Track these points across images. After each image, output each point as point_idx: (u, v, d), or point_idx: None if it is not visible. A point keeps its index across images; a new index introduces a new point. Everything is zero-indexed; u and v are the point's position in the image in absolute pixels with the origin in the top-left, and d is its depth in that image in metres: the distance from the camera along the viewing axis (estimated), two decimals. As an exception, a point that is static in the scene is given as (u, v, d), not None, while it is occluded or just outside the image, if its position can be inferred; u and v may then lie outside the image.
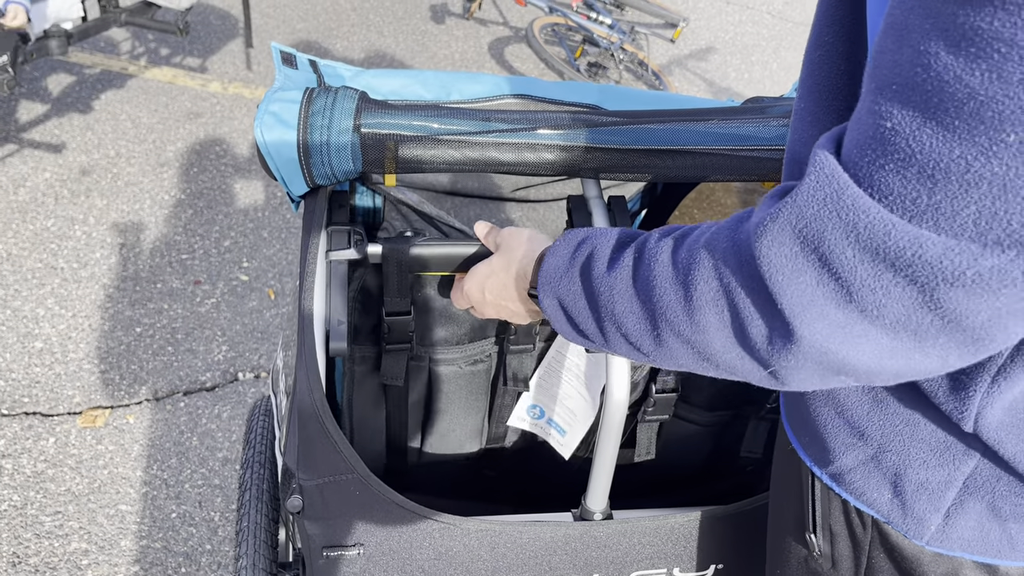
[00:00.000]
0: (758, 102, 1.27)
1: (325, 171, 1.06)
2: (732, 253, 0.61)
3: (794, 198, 0.56)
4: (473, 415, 1.40)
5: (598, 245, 0.76)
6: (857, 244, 0.52)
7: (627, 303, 0.70)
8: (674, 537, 1.09)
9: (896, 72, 0.50)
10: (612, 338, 0.74)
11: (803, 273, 0.55)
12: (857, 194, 0.52)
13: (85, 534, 2.09)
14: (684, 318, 0.64)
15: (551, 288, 0.80)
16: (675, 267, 0.66)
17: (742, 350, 0.62)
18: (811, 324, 0.56)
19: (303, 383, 0.96)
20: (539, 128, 1.09)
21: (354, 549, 1.01)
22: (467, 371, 1.35)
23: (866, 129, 0.52)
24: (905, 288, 0.52)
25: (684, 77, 5.28)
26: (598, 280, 0.73)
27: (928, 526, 0.72)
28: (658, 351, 0.69)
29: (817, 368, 0.59)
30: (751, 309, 0.59)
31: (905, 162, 0.50)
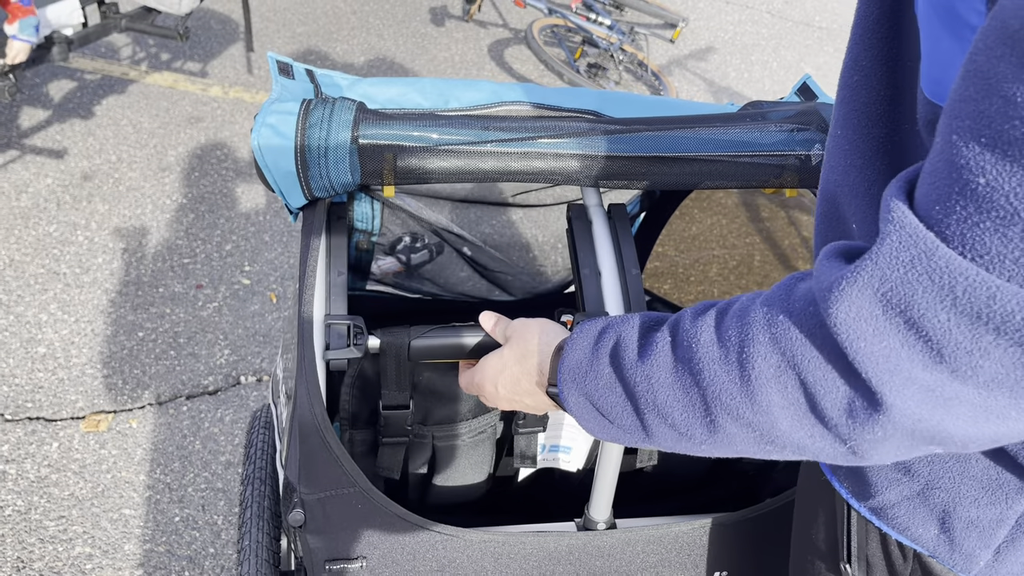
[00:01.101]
0: (758, 107, 1.27)
1: (323, 183, 1.06)
2: (794, 322, 0.58)
3: (875, 260, 0.53)
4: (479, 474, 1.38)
5: (623, 333, 0.72)
6: (954, 308, 0.50)
7: (670, 391, 0.65)
8: (678, 545, 1.09)
9: (983, 123, 0.47)
10: (656, 431, 0.69)
11: (887, 337, 0.52)
12: (950, 256, 0.50)
13: (89, 538, 2.09)
14: (742, 400, 0.60)
15: (576, 385, 0.74)
16: (722, 345, 0.62)
17: (815, 428, 0.58)
18: (900, 390, 0.53)
19: (303, 397, 0.96)
20: (538, 137, 1.09)
21: (357, 562, 1.01)
22: (470, 442, 1.33)
23: (951, 184, 0.50)
24: (1007, 349, 0.50)
25: (684, 77, 5.27)
26: (631, 370, 0.69)
27: (977, 562, 0.71)
28: (712, 438, 0.65)
29: (906, 438, 0.56)
30: (825, 381, 0.56)
31: (1006, 221, 0.47)
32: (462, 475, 1.37)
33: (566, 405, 0.76)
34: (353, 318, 1.05)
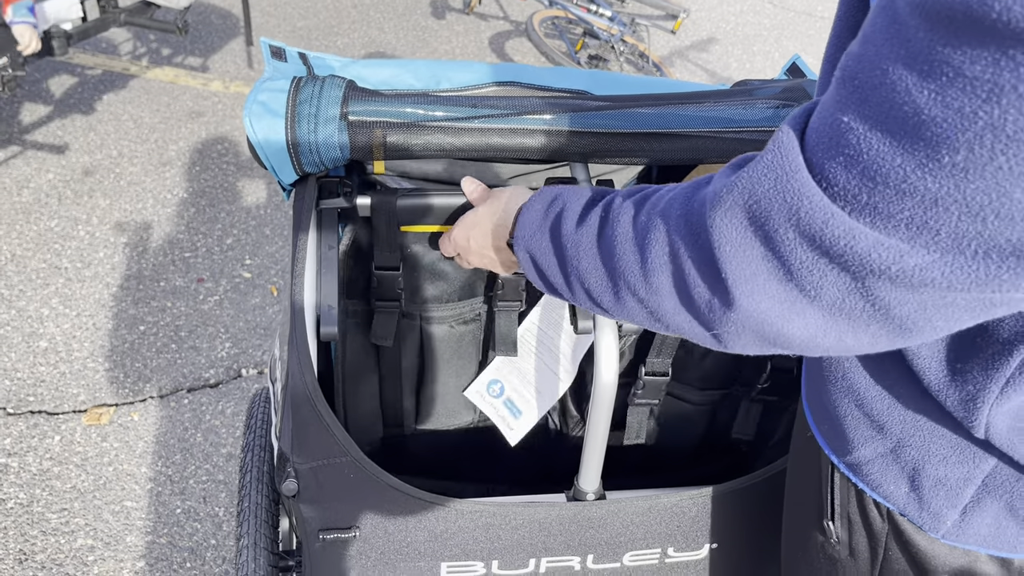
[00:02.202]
0: (746, 84, 1.27)
1: (313, 158, 1.07)
2: (684, 220, 0.63)
3: (749, 173, 0.57)
4: (464, 380, 1.41)
5: (568, 202, 0.80)
6: (797, 228, 0.54)
7: (591, 261, 0.73)
8: (668, 517, 1.10)
9: (859, 67, 0.51)
10: (576, 292, 0.77)
11: (750, 248, 0.57)
12: (804, 179, 0.54)
13: (91, 531, 2.10)
14: (640, 280, 0.67)
15: (524, 241, 0.83)
16: (635, 229, 0.68)
17: (688, 313, 0.65)
18: (751, 295, 0.58)
19: (295, 367, 0.97)
20: (527, 113, 1.10)
21: (350, 531, 1.02)
22: (458, 331, 1.36)
23: (826, 117, 0.53)
24: (839, 274, 0.54)
25: (685, 68, 5.27)
26: (566, 236, 0.77)
27: (944, 521, 0.73)
28: (616, 308, 0.72)
29: (754, 336, 0.61)
30: (696, 275, 0.62)
31: (852, 159, 0.51)
32: (450, 375, 1.41)
33: (517, 257, 0.85)
34: (344, 178, 1.16)
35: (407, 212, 1.16)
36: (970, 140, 0.45)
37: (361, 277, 1.28)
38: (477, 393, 1.36)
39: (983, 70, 0.43)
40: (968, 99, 0.44)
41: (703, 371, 1.38)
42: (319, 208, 1.13)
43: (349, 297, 1.30)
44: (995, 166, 0.45)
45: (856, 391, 0.75)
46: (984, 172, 0.46)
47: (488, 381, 1.35)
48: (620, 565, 1.12)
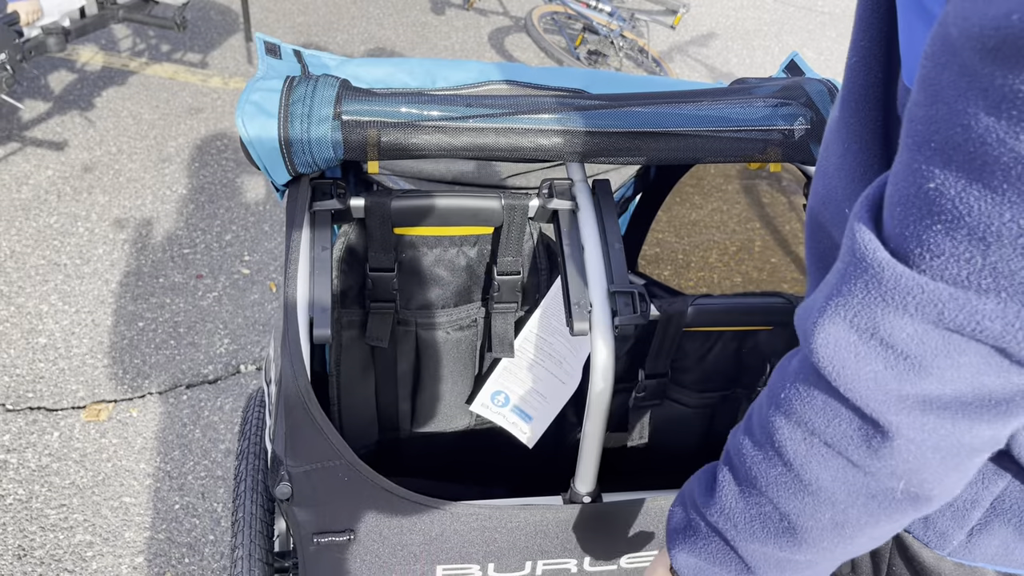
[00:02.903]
0: (744, 83, 1.27)
1: (306, 159, 1.06)
2: (794, 387, 0.58)
3: (837, 289, 0.54)
4: (461, 384, 1.41)
5: (695, 485, 0.73)
6: (913, 321, 0.50)
7: (744, 513, 0.66)
8: (665, 519, 1.10)
9: (933, 130, 0.48)
10: (754, 559, 0.68)
11: (868, 362, 0.53)
12: (898, 273, 0.50)
13: (90, 526, 2.10)
14: (796, 488, 0.60)
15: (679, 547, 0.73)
16: (759, 447, 0.62)
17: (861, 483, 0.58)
18: (897, 409, 0.53)
19: (288, 370, 0.96)
20: (523, 113, 1.10)
21: (344, 535, 1.02)
22: (454, 337, 1.36)
23: (907, 188, 0.50)
24: (977, 346, 0.50)
25: (685, 63, 5.26)
26: (710, 512, 0.69)
27: (950, 540, 0.71)
28: (798, 543, 0.64)
29: (937, 455, 0.55)
30: (839, 431, 0.56)
31: (954, 224, 0.48)
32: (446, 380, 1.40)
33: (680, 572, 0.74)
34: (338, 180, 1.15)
35: (402, 214, 1.15)
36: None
37: (356, 285, 1.28)
38: (482, 406, 1.36)
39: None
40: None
41: (702, 374, 1.37)
42: (312, 210, 1.12)
43: (344, 307, 1.29)
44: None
45: None
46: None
47: (491, 393, 1.35)
48: (616, 567, 1.12)
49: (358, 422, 1.40)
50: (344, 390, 1.35)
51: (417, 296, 1.31)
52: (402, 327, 1.33)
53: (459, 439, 1.48)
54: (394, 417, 1.42)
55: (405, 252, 1.27)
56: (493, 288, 1.30)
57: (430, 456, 1.49)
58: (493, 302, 1.31)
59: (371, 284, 1.24)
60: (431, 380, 1.39)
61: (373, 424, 1.42)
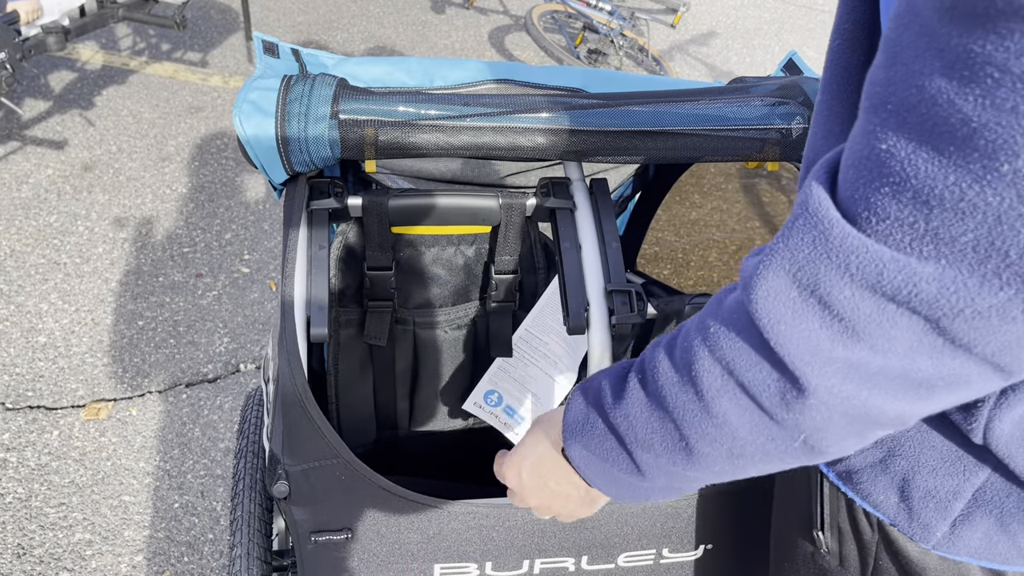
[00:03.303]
0: (742, 82, 1.27)
1: (303, 158, 1.06)
2: (724, 327, 0.58)
3: (785, 242, 0.53)
4: (458, 383, 1.41)
5: (603, 383, 0.73)
6: (852, 283, 0.50)
7: (646, 424, 0.66)
8: (663, 517, 1.10)
9: (890, 91, 0.48)
10: (647, 468, 0.69)
11: (805, 319, 0.53)
12: (845, 232, 0.50)
13: (89, 525, 2.11)
14: (703, 417, 0.61)
15: (575, 439, 0.75)
16: (676, 369, 0.63)
17: (765, 427, 0.59)
18: (821, 370, 0.53)
19: (285, 369, 0.96)
20: (521, 112, 1.10)
21: (342, 533, 1.02)
22: (452, 336, 1.36)
23: (861, 149, 0.50)
24: (911, 317, 0.50)
25: (685, 62, 5.26)
26: (613, 413, 0.70)
27: (934, 533, 0.71)
28: (693, 462, 0.65)
29: (844, 420, 0.56)
30: (759, 375, 0.57)
31: (900, 186, 0.48)
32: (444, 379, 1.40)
33: (572, 460, 0.76)
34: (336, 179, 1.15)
35: (399, 213, 1.15)
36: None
37: (354, 284, 1.28)
38: (475, 405, 1.35)
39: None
40: (1021, 97, 0.42)
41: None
42: (310, 209, 1.13)
43: (342, 305, 1.29)
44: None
45: None
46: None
47: (484, 392, 1.34)
48: (614, 566, 1.12)
49: (356, 421, 1.40)
50: (342, 389, 1.35)
51: (415, 295, 1.31)
52: (400, 326, 1.33)
53: (457, 438, 1.48)
54: (392, 416, 1.42)
55: (403, 251, 1.27)
56: (491, 287, 1.30)
57: (428, 455, 1.49)
58: (491, 301, 1.31)
59: (369, 283, 1.24)
60: (429, 379, 1.39)
61: (371, 423, 1.42)
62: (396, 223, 1.18)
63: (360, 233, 1.23)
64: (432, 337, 1.35)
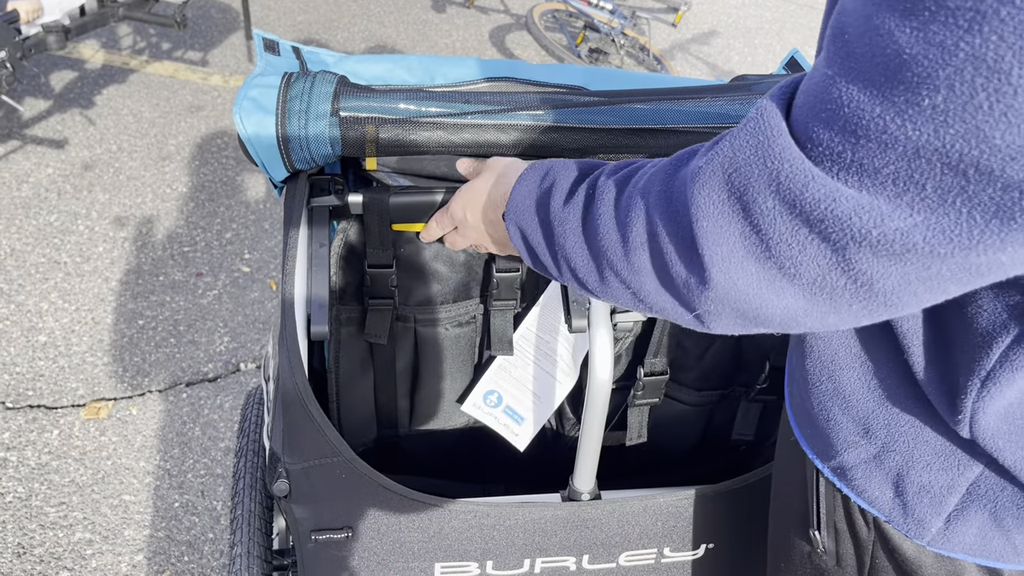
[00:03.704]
0: (744, 80, 1.26)
1: (304, 155, 1.06)
2: (665, 197, 0.61)
3: (729, 141, 0.55)
4: (459, 381, 1.41)
5: (558, 177, 0.78)
6: (777, 194, 0.52)
7: (575, 240, 0.72)
8: (664, 517, 1.09)
9: (847, 22, 0.49)
10: (563, 271, 0.76)
11: (728, 223, 0.55)
12: (786, 143, 0.52)
13: (89, 524, 2.10)
14: (623, 260, 0.66)
15: (515, 215, 0.82)
16: (616, 209, 0.67)
17: (669, 292, 0.63)
18: (727, 273, 0.57)
19: (285, 367, 0.96)
20: (522, 109, 1.09)
21: (342, 532, 1.01)
22: (453, 333, 1.35)
23: (815, 75, 0.52)
24: (819, 246, 0.52)
25: (686, 61, 5.25)
26: (554, 214, 0.75)
27: (929, 528, 0.71)
28: (601, 289, 0.71)
29: (734, 315, 0.60)
30: (674, 253, 0.60)
31: (833, 114, 0.49)
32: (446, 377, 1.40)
33: (509, 233, 0.84)
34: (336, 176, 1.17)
35: (400, 210, 1.15)
36: (950, 76, 0.43)
37: (354, 281, 1.28)
38: (474, 406, 1.35)
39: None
40: (950, 31, 0.42)
41: (700, 372, 1.37)
42: (310, 206, 1.12)
43: (343, 303, 1.29)
44: (975, 104, 0.43)
45: (842, 393, 0.74)
46: (964, 113, 0.43)
47: (484, 392, 1.34)
48: (616, 565, 1.11)
49: (356, 419, 1.40)
50: (342, 387, 1.35)
51: (416, 292, 1.31)
52: (401, 323, 1.33)
53: (458, 436, 1.48)
54: (393, 414, 1.42)
55: (403, 248, 1.26)
56: (492, 285, 1.30)
57: (429, 453, 1.49)
58: (492, 299, 1.31)
59: (369, 280, 1.24)
60: (430, 377, 1.39)
61: (371, 421, 1.42)
62: (397, 220, 1.17)
63: (361, 230, 1.22)
64: (433, 335, 1.35)
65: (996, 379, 0.60)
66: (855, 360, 0.72)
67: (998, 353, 0.59)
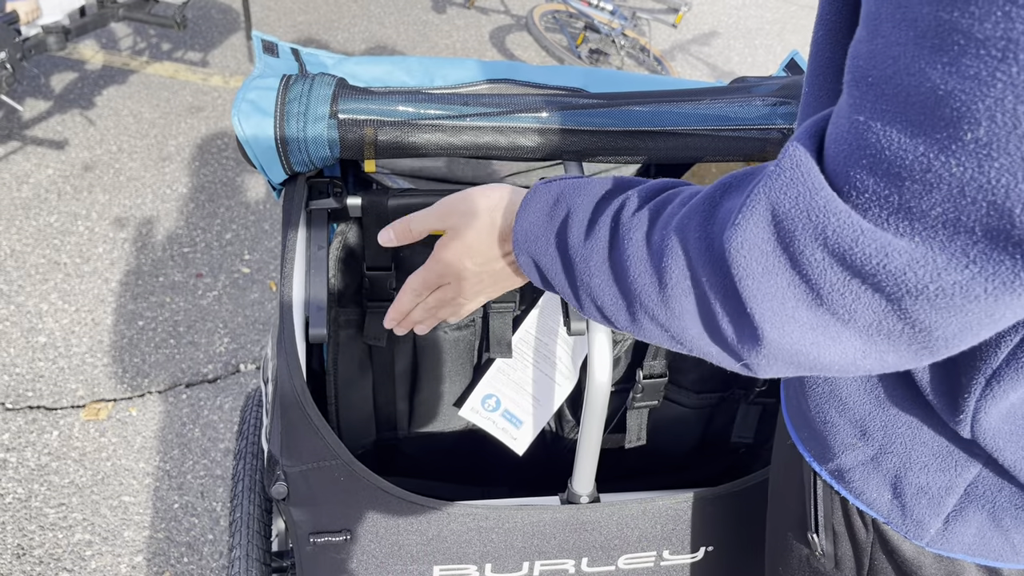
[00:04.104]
0: (744, 81, 1.26)
1: (302, 157, 1.06)
2: (704, 245, 0.58)
3: (766, 192, 0.53)
4: (458, 384, 1.41)
5: (573, 206, 0.71)
6: (826, 248, 0.50)
7: (603, 279, 0.67)
8: (663, 519, 1.09)
9: (870, 64, 0.48)
10: (587, 308, 0.71)
11: (775, 276, 0.53)
12: (829, 196, 0.50)
13: (89, 525, 2.10)
14: (659, 304, 0.62)
15: (526, 246, 0.74)
16: (649, 249, 0.63)
17: (715, 341, 0.60)
18: (780, 328, 0.54)
19: (283, 370, 0.96)
20: (521, 111, 1.09)
21: (341, 535, 1.01)
22: (452, 336, 1.35)
23: (843, 123, 0.50)
24: (874, 296, 0.50)
25: (687, 62, 5.25)
26: (574, 249, 0.69)
27: (927, 529, 0.71)
28: (633, 328, 0.67)
29: (788, 365, 0.58)
30: (720, 306, 0.58)
31: (876, 160, 0.48)
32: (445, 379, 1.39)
33: (519, 262, 0.76)
34: (335, 178, 1.17)
35: (398, 212, 1.15)
36: (990, 107, 0.42)
37: (353, 284, 1.28)
38: (472, 410, 1.34)
39: (993, 27, 0.41)
40: (983, 63, 0.42)
41: (700, 374, 1.37)
42: (309, 209, 1.12)
43: (342, 305, 1.29)
44: (1018, 135, 0.42)
45: (838, 395, 0.74)
46: (1008, 145, 0.42)
47: (482, 396, 1.33)
48: (615, 568, 1.11)
49: (355, 421, 1.40)
50: (341, 389, 1.35)
51: None
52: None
53: (456, 439, 1.48)
54: (391, 416, 1.42)
55: (402, 251, 1.26)
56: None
57: (427, 456, 1.49)
58: (491, 302, 1.31)
59: (368, 283, 1.24)
60: (429, 380, 1.39)
61: (370, 423, 1.42)
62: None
63: (359, 233, 1.22)
64: (432, 337, 1.35)
65: (1001, 378, 0.60)
66: None
67: (1005, 352, 0.59)
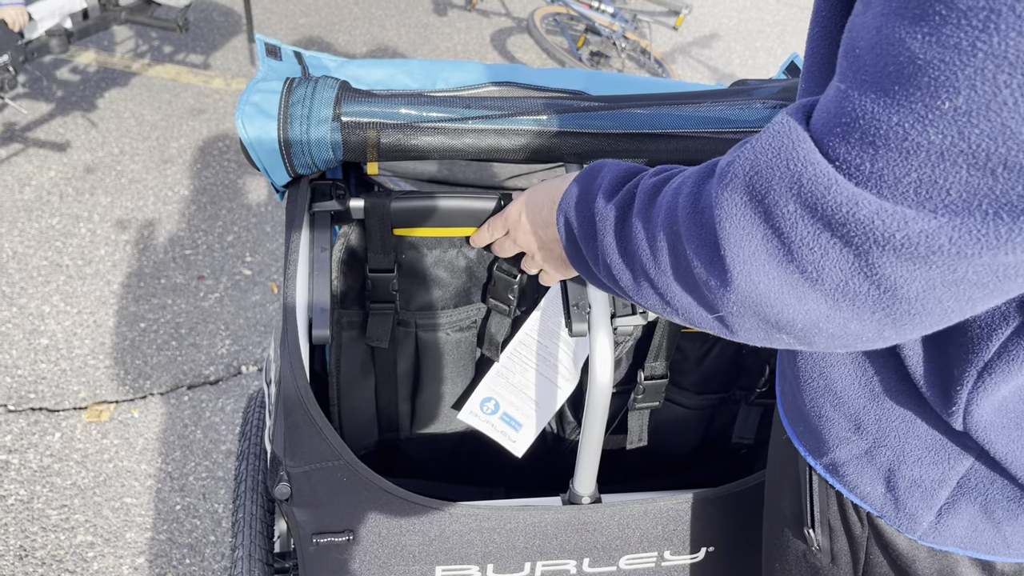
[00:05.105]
0: (744, 84, 1.27)
1: (306, 160, 1.07)
2: (693, 200, 0.62)
3: (752, 146, 0.56)
4: (460, 386, 1.41)
5: (608, 175, 0.80)
6: (799, 198, 0.52)
7: (613, 238, 0.73)
8: (664, 520, 1.09)
9: (859, 35, 0.49)
10: (600, 268, 0.77)
11: (750, 226, 0.55)
12: (809, 148, 0.52)
13: (91, 527, 2.11)
14: (650, 259, 0.67)
15: (564, 208, 0.84)
16: (651, 209, 0.68)
17: (691, 295, 0.64)
18: (749, 276, 0.57)
19: (287, 371, 0.96)
20: (523, 114, 1.10)
21: (343, 535, 1.02)
22: (454, 338, 1.36)
23: (829, 92, 0.52)
24: (841, 250, 0.51)
25: (687, 65, 5.26)
26: (598, 210, 0.77)
27: (920, 522, 0.72)
28: (633, 289, 0.72)
29: (756, 320, 0.60)
30: (697, 253, 0.61)
31: (849, 128, 0.49)
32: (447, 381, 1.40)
33: (557, 223, 0.87)
34: (338, 181, 1.18)
35: (401, 215, 1.15)
36: (971, 76, 0.43)
37: (356, 285, 1.28)
38: (471, 413, 1.34)
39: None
40: (964, 32, 0.42)
41: (701, 375, 1.37)
42: (312, 211, 1.13)
43: (344, 307, 1.29)
44: (999, 102, 0.43)
45: (833, 389, 0.74)
46: (988, 112, 0.43)
47: (481, 400, 1.33)
48: (616, 569, 1.12)
49: (358, 423, 1.40)
50: (344, 391, 1.35)
51: (417, 297, 1.31)
52: (402, 328, 1.33)
53: (458, 440, 1.48)
54: (394, 418, 1.42)
55: (405, 253, 1.27)
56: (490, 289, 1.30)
57: (430, 456, 1.49)
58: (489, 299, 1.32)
59: (371, 285, 1.24)
60: (431, 381, 1.39)
61: (373, 425, 1.42)
62: (398, 225, 1.18)
63: (362, 235, 1.23)
64: (434, 339, 1.35)
65: (993, 371, 0.61)
66: (846, 356, 0.73)
67: (997, 345, 0.60)
